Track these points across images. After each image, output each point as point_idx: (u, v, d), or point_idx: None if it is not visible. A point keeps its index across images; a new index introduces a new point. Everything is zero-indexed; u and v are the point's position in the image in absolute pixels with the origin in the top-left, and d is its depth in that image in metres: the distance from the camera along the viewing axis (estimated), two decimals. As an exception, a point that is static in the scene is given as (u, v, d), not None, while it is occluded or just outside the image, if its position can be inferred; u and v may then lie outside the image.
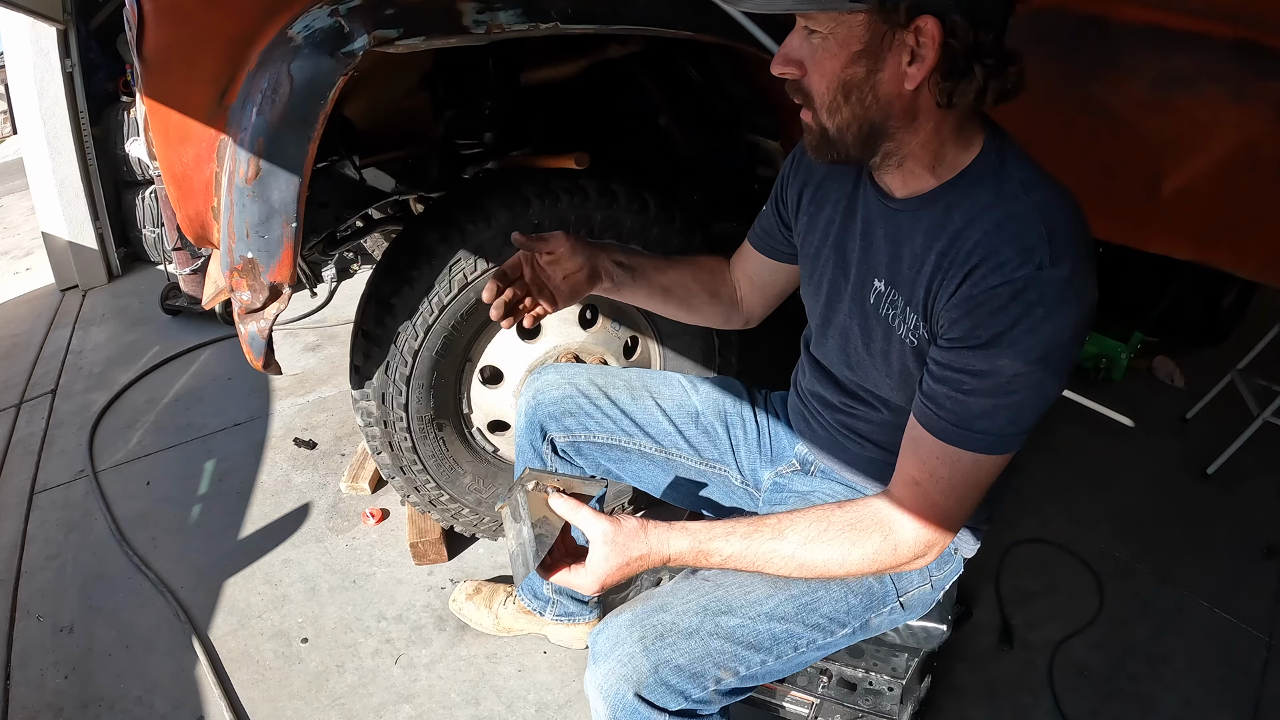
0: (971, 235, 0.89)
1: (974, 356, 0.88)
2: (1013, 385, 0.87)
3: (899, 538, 0.95)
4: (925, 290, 0.94)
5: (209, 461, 2.37)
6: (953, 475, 0.92)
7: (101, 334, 3.22)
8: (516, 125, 1.63)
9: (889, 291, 1.01)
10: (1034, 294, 0.84)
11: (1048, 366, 0.87)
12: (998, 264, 0.86)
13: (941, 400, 0.92)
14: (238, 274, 1.28)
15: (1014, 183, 0.89)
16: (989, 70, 0.84)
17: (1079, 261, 0.85)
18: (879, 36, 0.84)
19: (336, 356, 2.89)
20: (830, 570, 0.97)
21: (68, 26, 3.54)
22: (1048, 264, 0.84)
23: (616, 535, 0.94)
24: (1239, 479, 2.34)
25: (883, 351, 1.04)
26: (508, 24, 1.24)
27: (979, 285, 0.87)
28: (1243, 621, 1.85)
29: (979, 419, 0.90)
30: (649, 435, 1.33)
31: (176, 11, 1.22)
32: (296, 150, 1.20)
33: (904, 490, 0.96)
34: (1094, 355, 2.72)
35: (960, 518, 0.96)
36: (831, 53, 0.86)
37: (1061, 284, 0.84)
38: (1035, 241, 0.85)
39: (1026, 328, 0.85)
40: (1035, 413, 0.90)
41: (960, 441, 0.91)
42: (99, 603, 1.89)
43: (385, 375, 1.54)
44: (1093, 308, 0.89)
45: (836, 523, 0.97)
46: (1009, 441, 0.91)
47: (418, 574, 1.91)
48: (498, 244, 1.48)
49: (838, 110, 0.90)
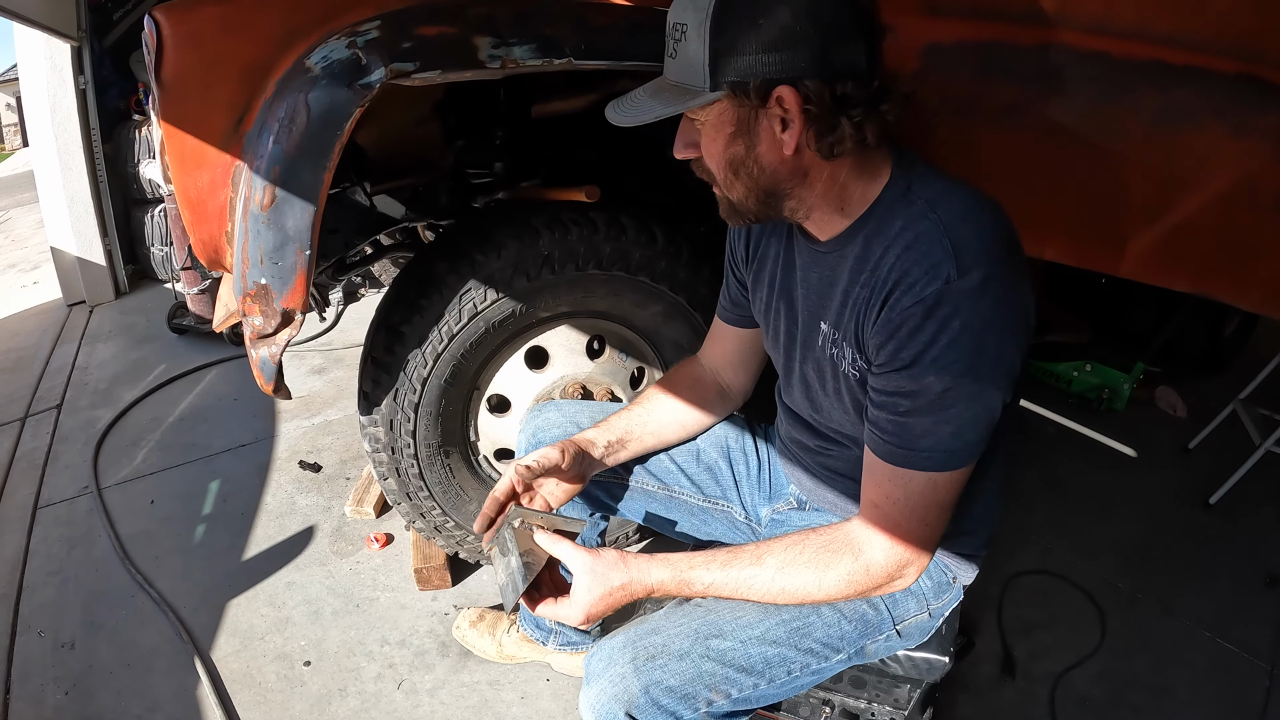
0: (886, 261, 0.92)
1: (902, 378, 0.91)
2: (946, 400, 0.89)
3: (869, 559, 0.97)
4: (855, 322, 0.97)
5: (213, 482, 2.37)
6: (908, 496, 0.95)
7: (108, 350, 3.24)
8: (527, 156, 1.65)
9: (832, 332, 1.03)
10: (947, 308, 0.86)
11: (978, 376, 0.88)
12: (909, 285, 0.88)
13: (883, 425, 0.94)
14: (250, 299, 1.29)
15: (920, 203, 0.92)
16: (857, 119, 0.88)
17: (994, 269, 0.86)
18: (746, 116, 0.90)
19: (342, 380, 2.90)
20: (809, 593, 0.99)
21: (82, 43, 3.58)
22: (955, 276, 0.86)
23: (596, 566, 0.97)
24: (1241, 509, 2.34)
25: (835, 390, 1.07)
26: (522, 59, 1.26)
27: (895, 308, 0.90)
28: (1245, 651, 1.85)
29: (921, 438, 0.92)
30: (650, 473, 1.34)
31: (195, 38, 1.24)
32: (312, 179, 1.22)
33: (868, 513, 0.99)
34: (1096, 386, 2.73)
35: (927, 536, 0.97)
36: (711, 137, 0.93)
37: (974, 293, 0.86)
38: (941, 256, 0.87)
39: (946, 342, 0.87)
40: (979, 424, 0.91)
41: (907, 462, 0.93)
42: (101, 620, 1.89)
43: (394, 402, 1.55)
44: (1023, 313, 0.90)
45: (810, 546, 0.99)
46: (957, 456, 0.93)
47: (421, 599, 1.91)
48: (508, 274, 1.49)
49: (733, 185, 0.96)
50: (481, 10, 1.28)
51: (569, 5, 1.35)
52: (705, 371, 1.35)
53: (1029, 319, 0.91)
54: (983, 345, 0.87)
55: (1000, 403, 0.91)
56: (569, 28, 1.29)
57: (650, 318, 1.67)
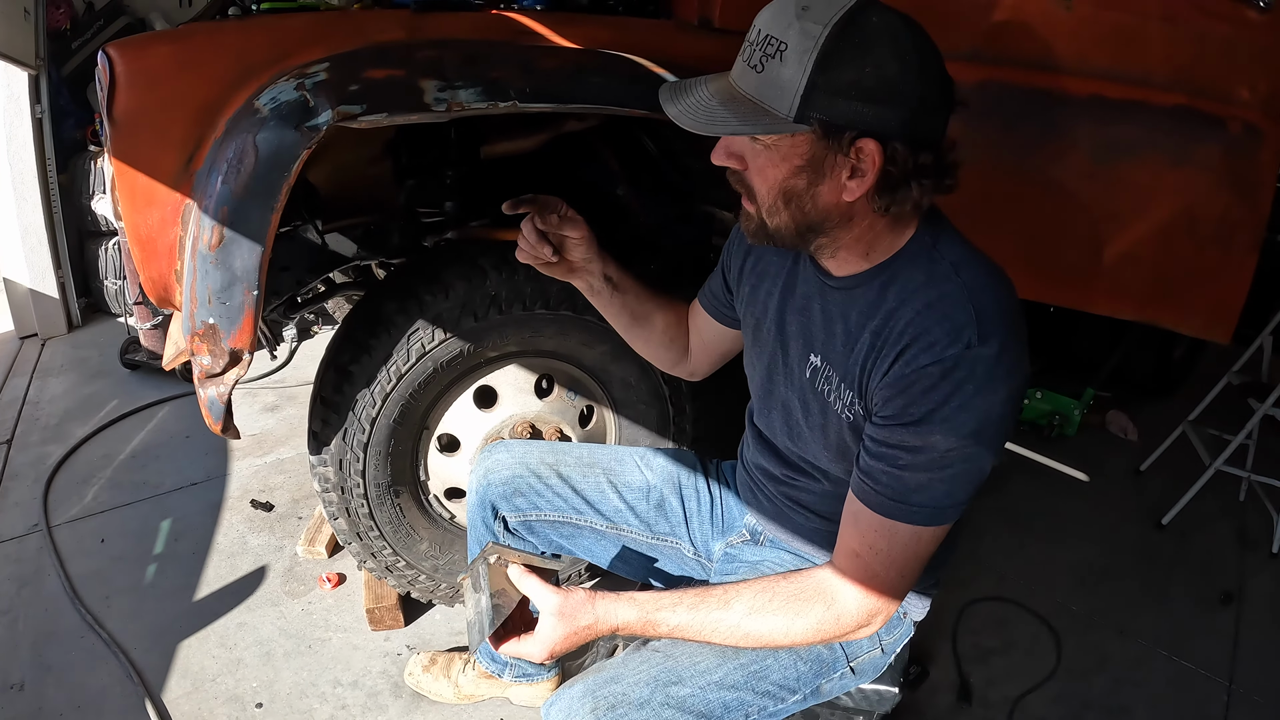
0: (904, 315, 0.92)
1: (907, 433, 0.91)
2: (946, 460, 0.90)
3: (842, 608, 0.97)
4: (860, 368, 0.97)
5: (165, 521, 2.32)
6: (891, 548, 0.95)
7: (59, 385, 3.17)
8: (476, 196, 1.66)
9: (824, 367, 1.04)
10: (964, 372, 0.87)
11: (980, 440, 0.89)
12: (928, 344, 0.89)
13: (878, 475, 0.94)
14: (199, 339, 1.29)
15: (945, 264, 0.92)
16: (927, 186, 0.88)
17: (1008, 339, 0.89)
18: (821, 155, 0.86)
19: (295, 418, 2.85)
20: (776, 640, 0.98)
21: (39, 72, 3.53)
22: (976, 343, 0.87)
23: (564, 606, 0.96)
24: (1194, 528, 2.40)
25: (820, 425, 1.07)
26: (468, 102, 1.27)
27: (910, 364, 0.90)
28: (1202, 668, 1.89)
29: (915, 493, 0.92)
30: (599, 513, 1.34)
31: (148, 75, 1.24)
32: (259, 220, 1.21)
33: (845, 562, 0.98)
34: (1048, 412, 2.78)
35: (902, 588, 0.98)
36: (774, 162, 0.89)
37: (991, 361, 0.87)
38: (964, 321, 0.88)
39: (957, 404, 0.88)
40: (970, 485, 0.93)
41: (897, 515, 0.93)
42: (50, 661, 1.84)
43: (343, 442, 1.54)
44: (1024, 383, 0.92)
45: (781, 593, 0.98)
46: (946, 513, 0.93)
47: (374, 640, 1.88)
48: (455, 314, 1.50)
49: (777, 212, 0.92)
50: (429, 53, 1.29)
51: (515, 48, 1.36)
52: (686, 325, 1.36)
53: (1025, 390, 0.94)
54: (990, 412, 0.88)
55: (991, 467, 0.93)
56: (515, 71, 1.30)
57: (598, 357, 1.67)
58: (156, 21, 3.95)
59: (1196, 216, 1.82)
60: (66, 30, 3.89)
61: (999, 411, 0.89)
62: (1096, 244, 1.83)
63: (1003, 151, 1.74)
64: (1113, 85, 1.75)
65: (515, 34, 1.41)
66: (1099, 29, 1.72)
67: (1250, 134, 1.75)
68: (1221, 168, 1.76)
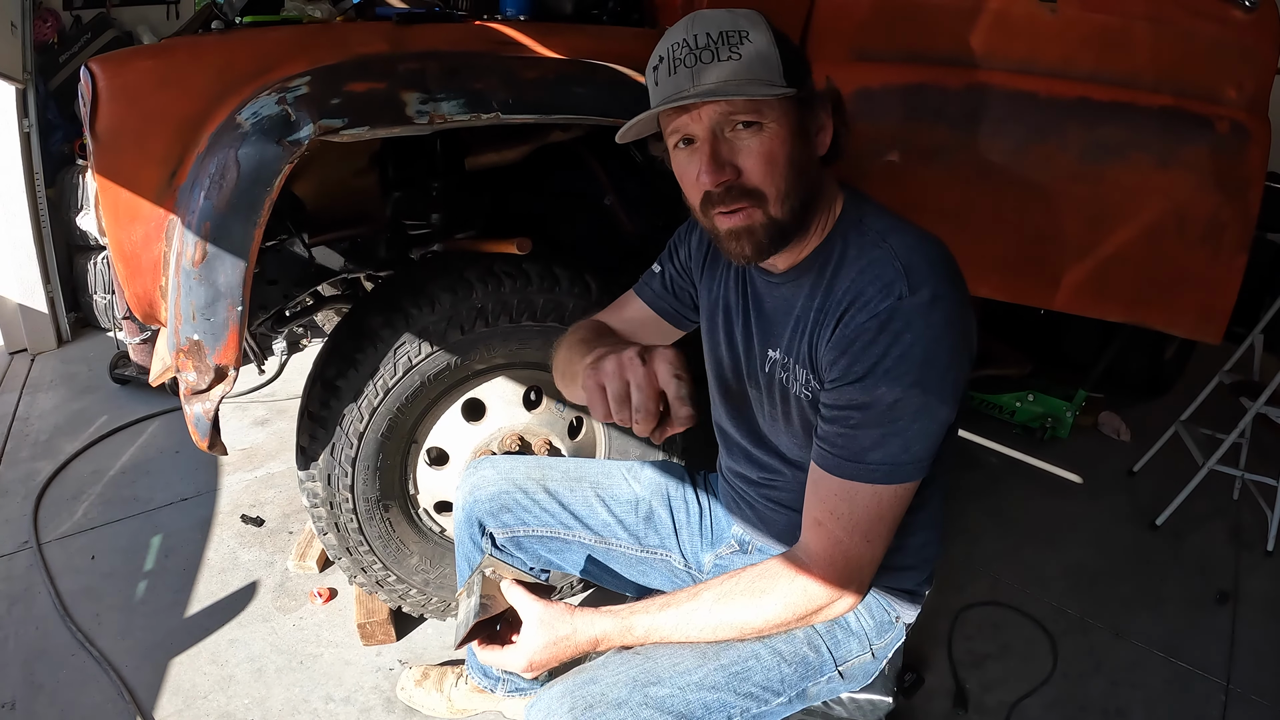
0: (840, 284, 0.97)
1: (854, 390, 0.94)
2: (895, 412, 0.92)
3: (806, 580, 0.98)
4: (808, 344, 1.01)
5: (155, 536, 2.31)
6: (853, 510, 0.96)
7: (49, 400, 3.15)
8: (462, 207, 1.65)
9: (784, 358, 1.06)
10: (899, 323, 0.91)
11: (927, 389, 0.92)
12: (864, 303, 0.94)
13: (833, 439, 0.97)
14: (184, 355, 1.28)
15: (872, 233, 0.99)
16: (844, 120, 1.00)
17: (941, 288, 0.92)
18: (805, 116, 0.96)
19: (285, 431, 2.84)
20: (750, 622, 0.99)
21: (27, 86, 3.52)
22: (907, 294, 0.91)
23: (544, 615, 0.99)
24: (1188, 528, 2.40)
25: (784, 414, 1.09)
26: (450, 114, 1.27)
27: (849, 325, 0.94)
28: (1199, 668, 1.88)
29: (870, 450, 0.94)
30: (588, 527, 1.34)
31: (130, 91, 1.24)
32: (242, 235, 1.21)
33: (809, 533, 1.00)
34: (1040, 415, 2.78)
35: (868, 556, 0.99)
36: (781, 138, 0.94)
37: (924, 309, 0.91)
38: (893, 276, 0.93)
39: (898, 354, 0.91)
40: (926, 438, 0.94)
41: (855, 475, 0.95)
42: (41, 679, 1.82)
43: (331, 457, 1.53)
44: (967, 332, 0.95)
45: (747, 575, 1.01)
46: (904, 470, 0.95)
47: (366, 655, 1.86)
48: (442, 327, 1.49)
49: (792, 193, 0.96)
50: (410, 65, 1.29)
51: (498, 59, 1.36)
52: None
53: (972, 343, 0.96)
54: (932, 359, 0.91)
55: (946, 418, 0.95)
56: (497, 82, 1.30)
57: (586, 367, 1.66)
58: (144, 34, 3.94)
59: (1185, 217, 1.82)
60: (54, 44, 3.88)
61: (943, 360, 0.92)
62: (1085, 246, 1.83)
63: (989, 155, 1.74)
64: (1099, 87, 1.75)
65: (498, 45, 1.41)
66: (1084, 31, 1.73)
67: (1238, 133, 1.75)
68: (1209, 168, 1.77)
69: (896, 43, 1.69)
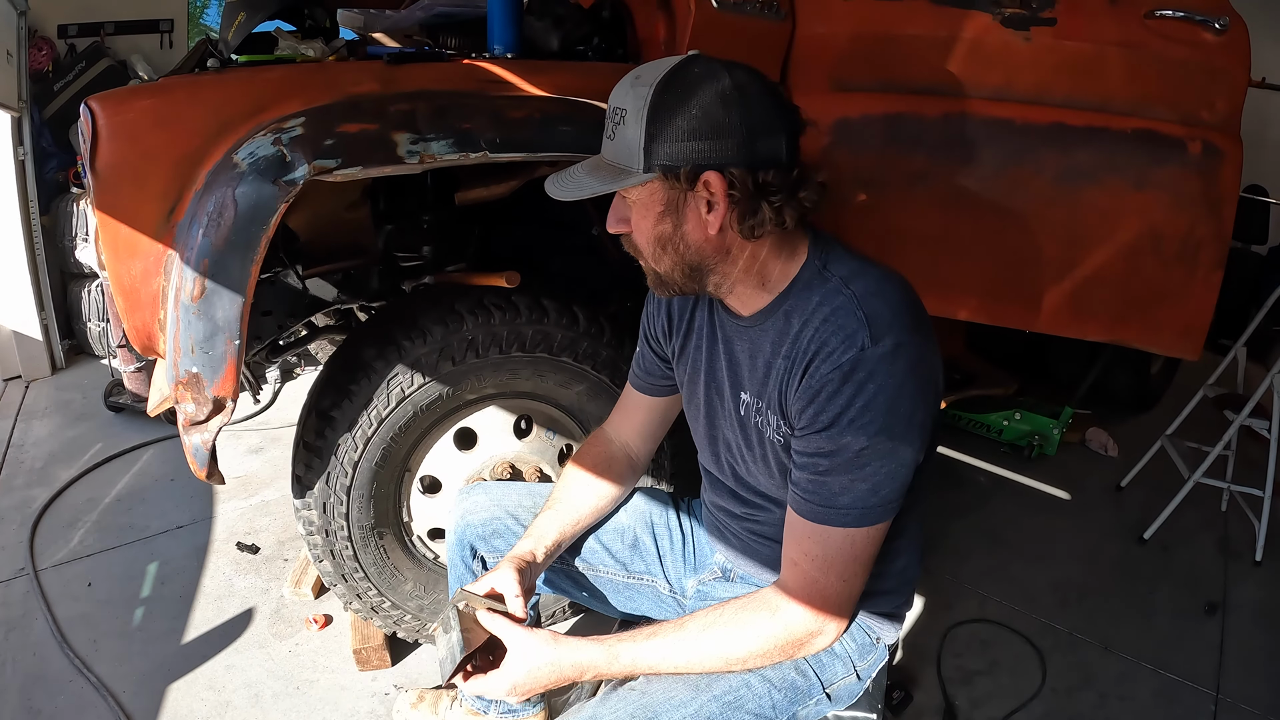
0: (806, 334, 0.99)
1: (821, 439, 0.97)
2: (862, 459, 0.95)
3: (787, 616, 1.01)
4: (779, 391, 1.04)
5: (151, 564, 2.32)
6: (827, 552, 0.99)
7: (44, 428, 3.16)
8: (453, 240, 1.68)
9: (755, 401, 1.09)
10: (863, 373, 0.94)
11: (893, 435, 0.95)
12: (828, 354, 0.96)
13: (804, 485, 1.00)
14: (183, 387, 1.30)
15: (835, 280, 1.00)
16: (777, 204, 0.96)
17: (904, 336, 0.95)
18: (675, 197, 0.97)
19: (280, 459, 2.85)
20: (734, 653, 1.02)
21: (22, 114, 3.55)
22: (869, 344, 0.94)
23: (527, 642, 1.01)
24: (1175, 541, 2.42)
25: (761, 456, 1.12)
26: (439, 154, 1.30)
27: (815, 375, 0.97)
28: (1189, 680, 1.90)
29: (839, 495, 0.97)
30: (575, 553, 1.36)
31: (129, 129, 1.26)
32: (240, 271, 1.24)
33: (787, 572, 1.03)
34: (1027, 433, 2.81)
35: (845, 593, 1.02)
36: (641, 214, 1.00)
37: (887, 358, 0.93)
38: (856, 327, 0.95)
39: (862, 404, 0.94)
40: (894, 481, 0.97)
41: (827, 519, 0.98)
42: (39, 705, 1.82)
43: (326, 485, 1.55)
44: (931, 375, 0.98)
45: (730, 608, 1.04)
46: (874, 513, 0.98)
47: (361, 680, 1.88)
48: (433, 359, 1.51)
49: (660, 259, 1.02)
50: (401, 106, 1.32)
51: (486, 99, 1.39)
52: (615, 447, 1.37)
53: (938, 383, 0.99)
54: (895, 406, 0.94)
55: (913, 460, 0.97)
56: (485, 122, 1.33)
57: (575, 396, 1.69)
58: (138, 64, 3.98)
59: (1161, 236, 1.85)
60: (49, 72, 3.92)
61: (906, 406, 0.95)
62: (1063, 268, 1.86)
63: (967, 181, 1.78)
64: (1074, 112, 1.79)
65: (486, 83, 1.44)
66: (1058, 58, 1.77)
67: (1210, 153, 1.79)
68: (1184, 188, 1.80)
69: (875, 73, 1.72)
